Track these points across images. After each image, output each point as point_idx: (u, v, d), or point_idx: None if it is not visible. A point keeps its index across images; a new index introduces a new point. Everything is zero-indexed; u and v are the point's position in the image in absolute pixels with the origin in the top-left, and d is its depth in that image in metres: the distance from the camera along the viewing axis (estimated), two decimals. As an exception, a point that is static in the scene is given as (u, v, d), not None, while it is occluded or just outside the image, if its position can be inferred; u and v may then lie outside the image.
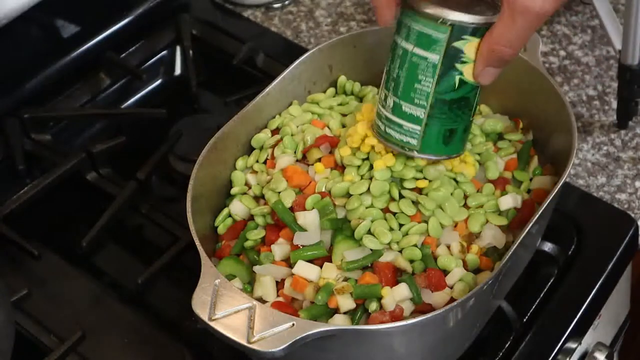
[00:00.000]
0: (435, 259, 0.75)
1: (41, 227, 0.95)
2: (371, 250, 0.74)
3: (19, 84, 1.03)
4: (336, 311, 0.73)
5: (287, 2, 1.20)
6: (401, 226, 0.75)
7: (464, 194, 0.78)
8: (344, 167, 0.79)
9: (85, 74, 1.08)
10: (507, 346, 0.84)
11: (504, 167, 0.82)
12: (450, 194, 0.77)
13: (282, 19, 1.18)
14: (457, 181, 0.78)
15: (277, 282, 0.75)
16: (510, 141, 0.85)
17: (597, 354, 0.91)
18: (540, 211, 0.74)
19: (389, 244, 0.74)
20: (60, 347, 0.81)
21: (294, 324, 0.66)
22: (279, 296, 0.75)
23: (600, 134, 1.03)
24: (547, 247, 0.90)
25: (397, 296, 0.72)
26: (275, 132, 0.85)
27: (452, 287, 0.74)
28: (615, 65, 1.07)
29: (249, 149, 0.85)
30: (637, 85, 0.99)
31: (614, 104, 1.05)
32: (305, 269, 0.74)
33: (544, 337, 0.84)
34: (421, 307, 0.73)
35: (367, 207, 0.76)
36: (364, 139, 0.77)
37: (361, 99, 0.89)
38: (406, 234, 0.75)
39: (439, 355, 0.79)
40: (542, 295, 0.88)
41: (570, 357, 0.85)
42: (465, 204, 0.78)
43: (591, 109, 1.06)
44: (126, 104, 1.10)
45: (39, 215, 0.96)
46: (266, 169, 0.82)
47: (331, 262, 0.75)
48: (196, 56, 1.11)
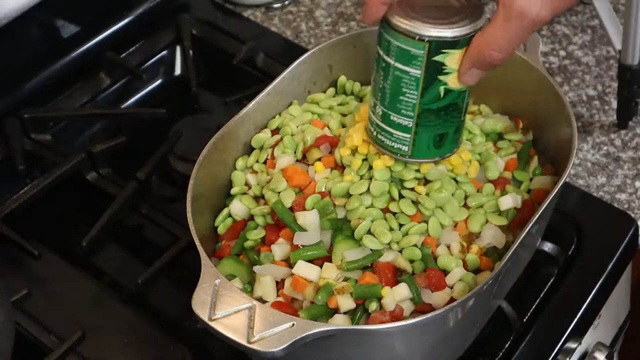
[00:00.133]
0: (435, 259, 0.75)
1: (41, 227, 0.95)
2: (371, 250, 0.74)
3: (19, 84, 1.03)
4: (336, 311, 0.73)
5: (287, 2, 1.20)
6: (401, 226, 0.75)
7: (464, 194, 0.78)
8: (344, 167, 0.79)
9: (85, 74, 1.08)
10: (507, 346, 0.84)
11: (504, 167, 0.82)
12: (451, 195, 0.77)
13: (282, 19, 1.18)
14: (457, 181, 0.78)
15: (277, 282, 0.75)
16: (510, 141, 0.85)
17: (597, 354, 0.91)
18: (540, 211, 0.74)
19: (389, 244, 0.74)
20: (60, 347, 0.81)
21: (294, 324, 0.66)
22: (279, 296, 0.75)
23: (600, 134, 1.03)
24: (547, 247, 0.90)
25: (397, 296, 0.72)
26: (275, 132, 0.85)
27: (452, 287, 0.74)
28: (615, 65, 1.07)
29: (249, 149, 0.85)
30: (637, 85, 0.99)
31: (614, 104, 1.05)
32: (305, 269, 0.74)
33: (544, 337, 0.84)
34: (421, 307, 0.73)
35: (367, 207, 0.75)
36: (356, 148, 0.77)
37: (361, 99, 0.89)
38: (406, 234, 0.75)
39: (439, 355, 0.79)
40: (542, 295, 0.88)
41: (570, 357, 0.85)
42: (465, 204, 0.78)
43: (591, 109, 1.06)
44: (126, 104, 1.10)
45: (39, 215, 0.96)
46: (266, 169, 0.82)
47: (331, 262, 0.75)
48: (196, 56, 1.10)
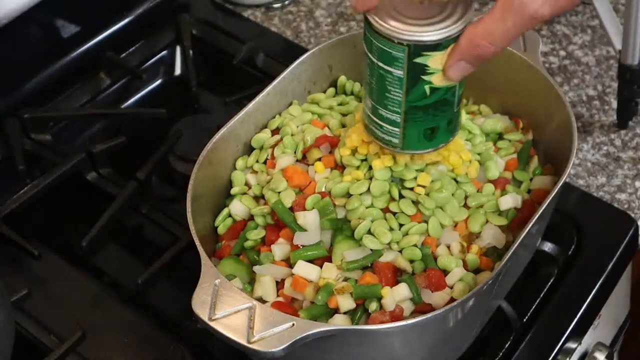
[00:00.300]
0: (435, 259, 0.75)
1: (41, 227, 0.95)
2: (371, 250, 0.74)
3: (19, 84, 1.03)
4: (336, 311, 0.73)
5: (287, 2, 1.20)
6: (401, 226, 0.75)
7: (464, 194, 0.78)
8: (344, 167, 0.79)
9: (85, 74, 1.08)
10: (507, 346, 0.84)
11: (504, 167, 0.82)
12: (452, 195, 0.77)
13: (282, 19, 1.18)
14: (458, 181, 0.78)
15: (277, 282, 0.75)
16: (510, 141, 0.85)
17: (597, 354, 0.91)
18: (540, 211, 0.74)
19: (389, 244, 0.74)
20: (60, 347, 0.81)
21: (294, 324, 0.66)
22: (279, 296, 0.75)
23: (600, 134, 1.03)
24: (547, 247, 0.90)
25: (397, 296, 0.72)
26: (275, 132, 0.85)
27: (452, 287, 0.74)
28: (615, 65, 1.07)
29: (249, 149, 0.85)
30: (637, 85, 0.99)
31: (614, 104, 1.05)
32: (305, 269, 0.74)
33: (544, 337, 0.84)
34: (421, 307, 0.73)
35: (367, 207, 0.75)
36: (356, 148, 0.77)
37: (361, 99, 0.89)
38: (406, 234, 0.75)
39: (439, 355, 0.79)
40: (542, 295, 0.88)
41: (570, 357, 0.85)
42: (465, 204, 0.78)
43: (591, 109, 1.06)
44: (126, 104, 1.10)
45: (39, 215, 0.96)
46: (266, 169, 0.82)
47: (331, 262, 0.75)
48: (196, 56, 1.10)
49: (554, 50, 1.13)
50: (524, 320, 0.86)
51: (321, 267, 0.74)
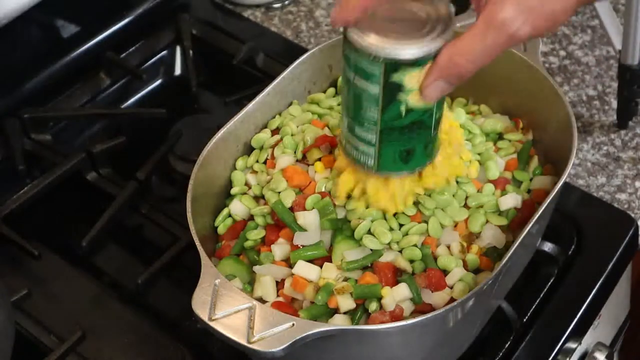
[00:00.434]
0: (435, 259, 0.75)
1: (41, 227, 0.95)
2: (371, 250, 0.74)
3: (19, 84, 1.03)
4: (336, 311, 0.73)
5: (287, 2, 1.20)
6: (401, 226, 0.75)
7: (465, 194, 0.78)
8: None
9: (85, 74, 1.08)
10: (507, 346, 0.84)
11: (504, 167, 0.82)
12: (452, 196, 0.77)
13: (282, 19, 1.18)
14: (458, 181, 0.78)
15: (277, 282, 0.75)
16: (510, 141, 0.85)
17: (597, 354, 0.91)
18: (540, 211, 0.74)
19: (389, 244, 0.74)
20: (60, 347, 0.81)
21: (294, 324, 0.66)
22: (279, 296, 0.75)
23: (600, 134, 1.03)
24: (547, 247, 0.90)
25: (397, 296, 0.72)
26: (275, 132, 0.85)
27: (452, 287, 0.74)
28: (615, 65, 1.08)
29: (249, 149, 0.85)
30: (637, 85, 0.99)
31: (614, 104, 1.05)
32: (305, 269, 0.74)
33: (544, 337, 0.84)
34: (421, 307, 0.73)
35: (367, 207, 0.75)
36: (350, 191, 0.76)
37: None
38: (406, 234, 0.75)
39: (439, 355, 0.79)
40: (542, 295, 0.88)
41: (570, 357, 0.85)
42: (465, 204, 0.78)
43: (591, 109, 1.06)
44: (126, 104, 1.10)
45: (39, 215, 0.96)
46: (266, 169, 0.82)
47: (331, 262, 0.75)
48: (196, 56, 1.10)
49: (554, 50, 1.13)
50: (524, 320, 0.86)
51: (321, 267, 0.74)
